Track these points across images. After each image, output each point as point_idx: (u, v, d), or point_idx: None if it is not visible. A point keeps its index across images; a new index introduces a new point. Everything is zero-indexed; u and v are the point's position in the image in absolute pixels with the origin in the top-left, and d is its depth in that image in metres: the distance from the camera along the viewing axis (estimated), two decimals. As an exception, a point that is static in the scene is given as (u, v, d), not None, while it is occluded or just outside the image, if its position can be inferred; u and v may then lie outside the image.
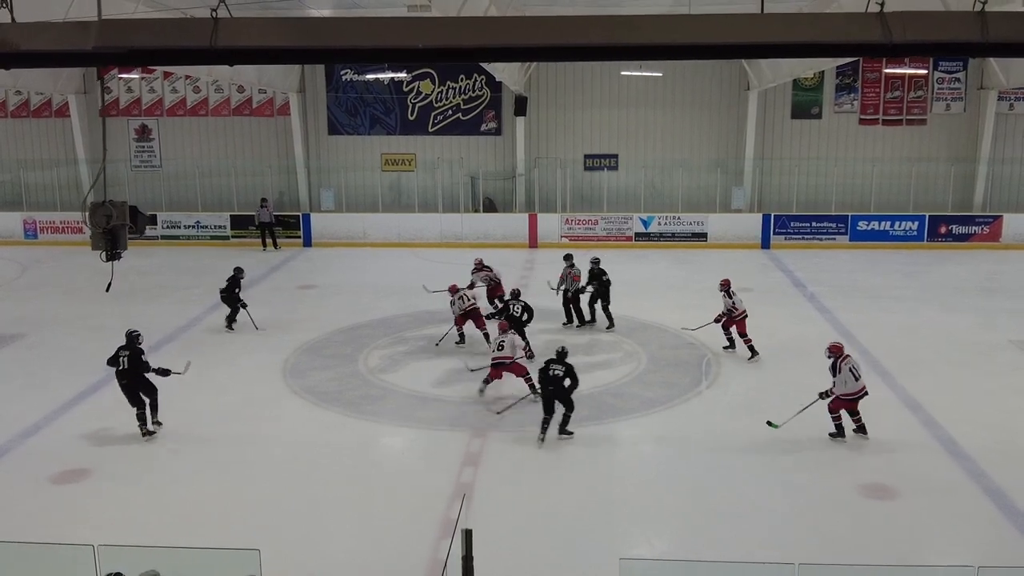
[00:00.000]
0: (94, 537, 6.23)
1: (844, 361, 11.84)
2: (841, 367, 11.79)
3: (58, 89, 27.48)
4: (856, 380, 11.79)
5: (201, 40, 3.53)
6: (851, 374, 11.76)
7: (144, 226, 6.88)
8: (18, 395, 14.20)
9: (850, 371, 11.76)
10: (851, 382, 11.76)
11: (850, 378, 11.75)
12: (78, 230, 27.05)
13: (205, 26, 3.53)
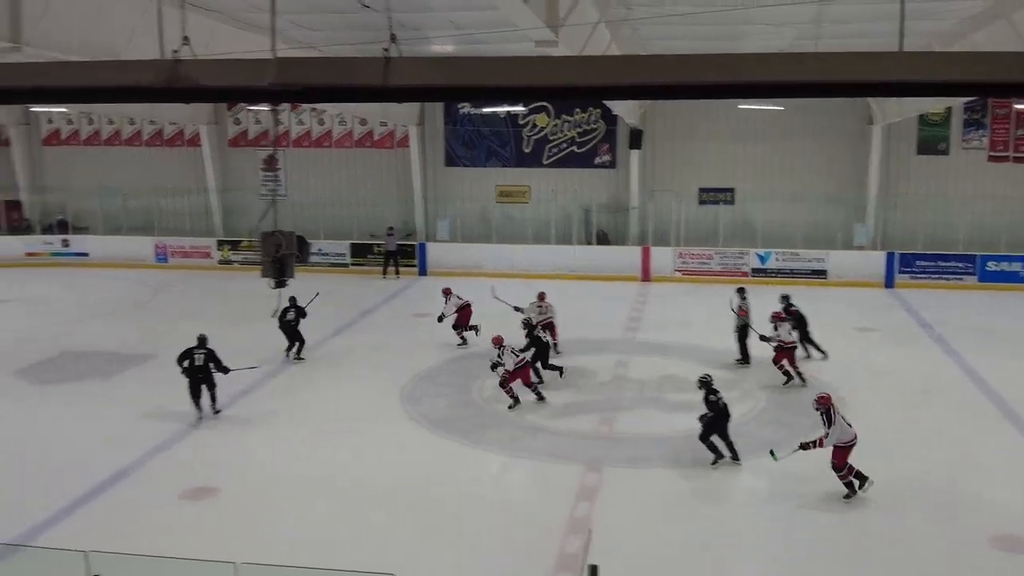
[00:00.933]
0: (222, 554, 6.42)
1: (835, 411, 11.45)
2: (834, 417, 11.39)
3: (190, 120, 28.81)
4: (849, 426, 11.42)
5: (373, 79, 3.67)
6: (843, 421, 11.39)
7: (308, 255, 7.14)
8: (149, 413, 14.78)
9: (842, 419, 11.41)
10: (846, 429, 11.38)
11: (843, 425, 11.37)
12: (205, 255, 28.24)
13: (376, 65, 3.67)
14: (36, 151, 30.93)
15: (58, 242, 29.09)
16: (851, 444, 11.42)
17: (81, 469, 12.37)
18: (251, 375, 15.69)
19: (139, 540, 9.73)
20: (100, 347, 18.53)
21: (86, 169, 30.48)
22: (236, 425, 14.32)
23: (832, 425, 11.37)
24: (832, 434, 11.34)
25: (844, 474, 11.38)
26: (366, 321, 20.05)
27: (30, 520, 10.67)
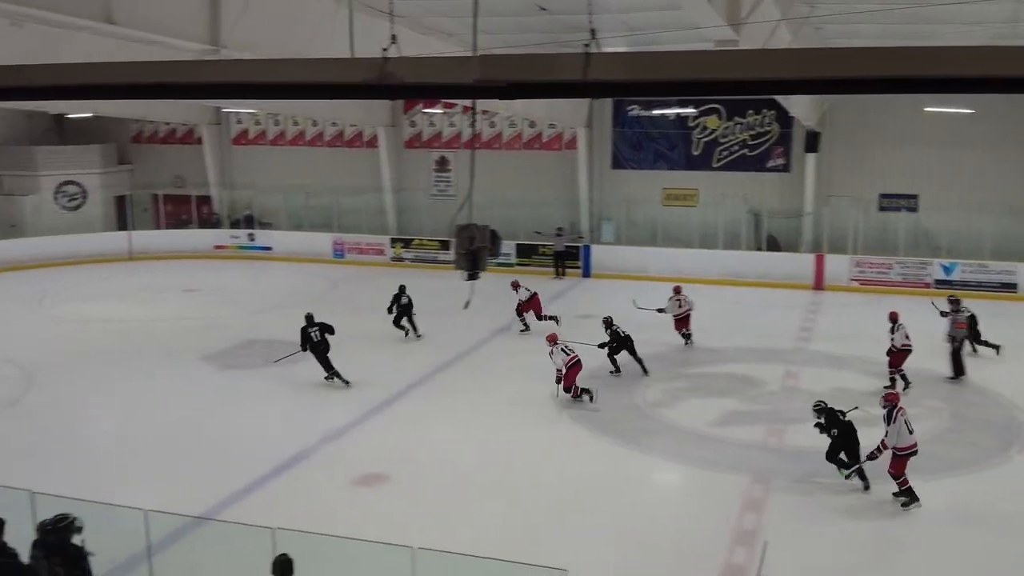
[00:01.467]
0: (394, 540, 6.62)
1: (900, 412, 11.11)
2: (896, 417, 11.06)
3: (369, 122, 29.94)
4: (910, 434, 11.05)
5: (572, 74, 3.71)
6: (905, 426, 11.03)
7: (500, 249, 7.30)
8: (326, 401, 15.47)
9: (904, 423, 11.03)
10: (905, 434, 11.01)
11: (904, 430, 11.01)
12: (379, 252, 29.27)
13: (576, 60, 3.71)
14: (226, 150, 32.86)
15: (244, 236, 30.83)
16: (909, 452, 11.08)
17: (262, 450, 13.07)
18: (421, 369, 16.17)
19: (316, 522, 10.18)
20: (281, 336, 19.43)
21: (271, 167, 32.16)
22: (404, 416, 14.78)
23: (891, 425, 11.06)
24: (890, 435, 11.04)
25: (902, 481, 11.07)
26: (528, 321, 20.22)
27: (215, 497, 11.35)
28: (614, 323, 17.09)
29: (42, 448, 13.36)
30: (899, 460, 11.08)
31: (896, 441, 11.03)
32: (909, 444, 11.05)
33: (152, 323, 21.42)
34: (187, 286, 25.53)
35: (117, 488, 11.28)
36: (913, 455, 11.09)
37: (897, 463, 11.09)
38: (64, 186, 31.67)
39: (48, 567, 7.26)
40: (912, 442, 11.07)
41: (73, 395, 16.02)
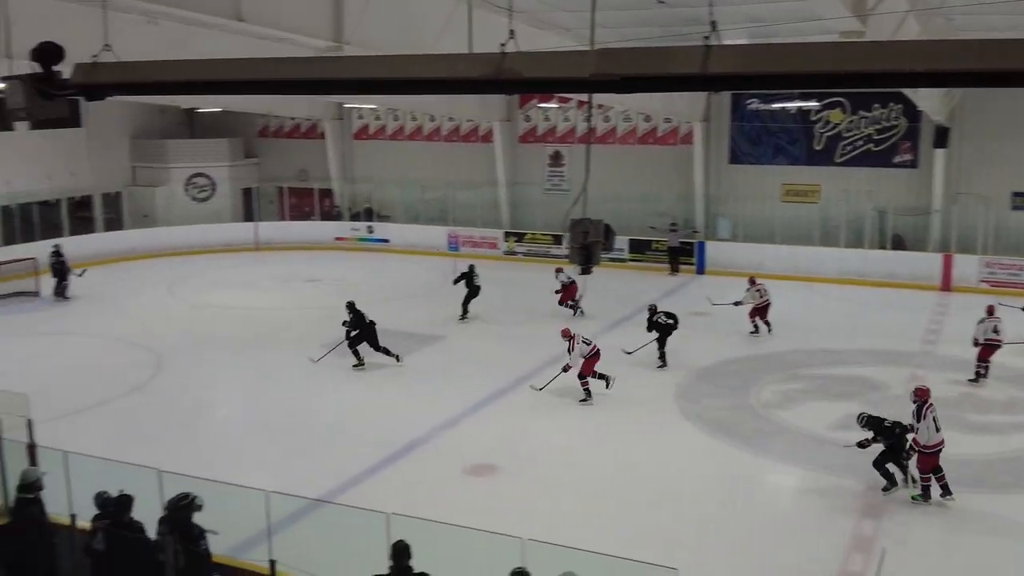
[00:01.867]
0: (504, 531, 6.69)
1: (929, 408, 11.00)
2: (926, 413, 10.97)
3: (485, 117, 30.21)
4: (938, 431, 10.96)
5: (691, 67, 3.68)
6: (934, 423, 10.95)
7: (613, 243, 7.31)
8: (438, 391, 15.70)
9: (933, 419, 10.96)
10: (933, 432, 10.92)
11: (932, 427, 10.92)
12: (493, 245, 29.52)
13: (695, 53, 3.67)
14: (347, 144, 33.68)
15: (364, 228, 31.56)
16: (935, 450, 10.96)
17: (378, 437, 13.39)
18: (533, 362, 16.26)
19: (428, 509, 10.37)
20: (398, 327, 19.86)
21: (390, 161, 32.80)
22: (517, 408, 14.89)
23: (920, 422, 10.96)
24: (920, 432, 10.93)
25: (926, 478, 10.99)
26: (642, 317, 20.03)
27: (333, 481, 11.68)
28: (658, 312, 17.34)
29: (169, 429, 14.01)
30: (926, 457, 10.98)
31: (925, 439, 10.94)
32: (936, 442, 10.95)
33: (276, 311, 22.17)
34: (309, 276, 26.31)
35: (240, 469, 11.74)
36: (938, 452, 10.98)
37: (924, 460, 10.99)
38: (194, 178, 33.05)
39: (171, 543, 7.61)
40: (939, 440, 10.97)
41: (199, 379, 16.74)
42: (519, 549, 6.10)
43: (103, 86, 5.78)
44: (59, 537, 8.36)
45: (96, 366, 17.61)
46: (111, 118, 31.29)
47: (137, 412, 15.02)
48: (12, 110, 5.98)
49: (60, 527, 8.26)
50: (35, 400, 9.78)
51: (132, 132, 33.16)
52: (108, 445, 11.33)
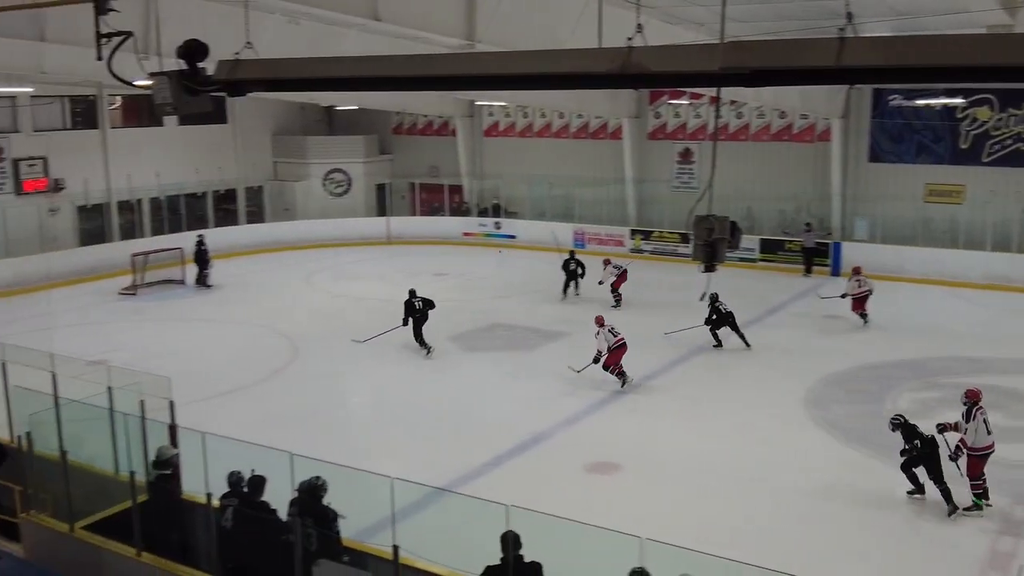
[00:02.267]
0: (623, 528, 6.62)
1: (979, 410, 10.74)
2: (976, 415, 10.71)
3: (614, 114, 30.05)
4: (988, 434, 10.68)
5: (824, 60, 3.56)
6: (984, 425, 10.67)
7: (739, 241, 7.18)
8: (564, 387, 15.72)
9: (984, 422, 10.68)
10: (983, 434, 10.65)
11: (983, 429, 10.65)
12: (619, 243, 29.34)
13: (829, 46, 3.55)
14: (478, 141, 34.10)
15: (491, 224, 31.90)
16: (986, 452, 10.74)
17: (502, 430, 13.53)
18: (658, 360, 16.10)
19: (548, 503, 10.42)
20: (524, 322, 20.06)
21: (518, 158, 33.02)
22: (640, 407, 14.78)
23: (970, 423, 10.70)
24: (968, 433, 10.67)
25: (979, 483, 10.71)
26: (772, 319, 19.65)
27: (456, 471, 11.87)
28: (718, 300, 17.82)
29: (302, 413, 14.52)
30: (976, 461, 10.72)
31: (974, 440, 10.68)
32: (986, 444, 10.70)
33: (404, 304, 22.66)
34: (437, 270, 26.77)
35: (368, 455, 12.07)
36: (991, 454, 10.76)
37: (974, 464, 10.73)
38: (331, 173, 34.12)
39: (301, 525, 7.88)
40: (990, 442, 10.71)
41: (331, 366, 17.28)
42: (638, 548, 6.06)
43: (244, 82, 6.03)
44: (195, 514, 8.78)
45: (236, 352, 18.43)
46: (255, 115, 32.71)
47: (273, 396, 15.64)
48: (160, 104, 6.31)
49: (196, 504, 8.66)
50: (177, 383, 10.29)
51: (274, 129, 34.51)
52: (245, 427, 11.84)
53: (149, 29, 13.06)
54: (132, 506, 8.75)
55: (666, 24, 16.49)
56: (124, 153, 29.29)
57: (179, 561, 8.53)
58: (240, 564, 8.40)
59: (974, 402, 10.85)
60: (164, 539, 8.92)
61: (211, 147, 31.61)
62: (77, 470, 9.36)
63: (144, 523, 8.75)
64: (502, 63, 4.91)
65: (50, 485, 9.42)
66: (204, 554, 8.53)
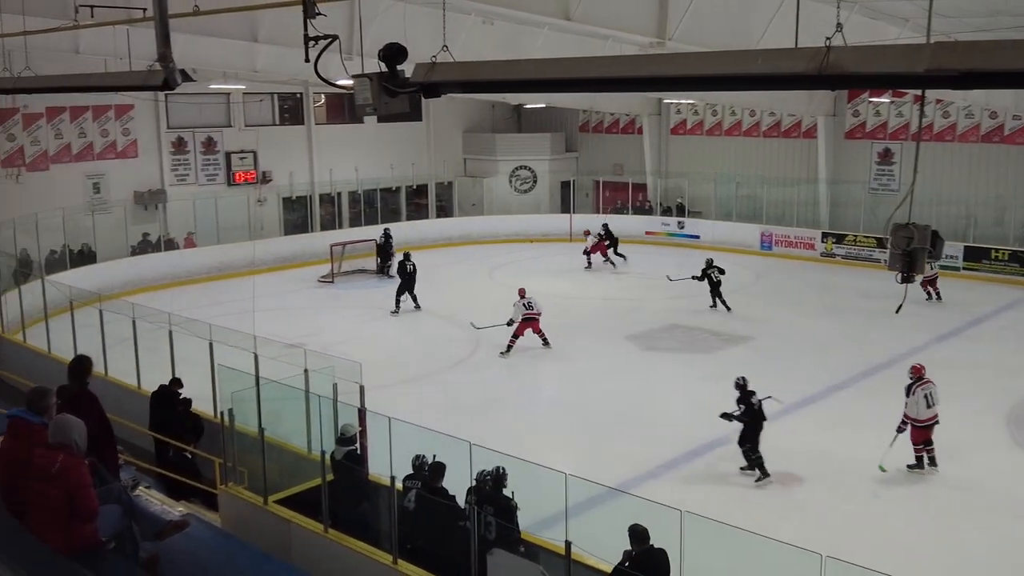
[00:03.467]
0: (802, 543, 6.40)
1: (921, 386, 11.82)
2: (915, 390, 11.78)
3: (809, 112, 28.98)
4: (928, 407, 11.74)
5: (1044, 60, 3.33)
6: (924, 400, 11.71)
7: (941, 251, 6.83)
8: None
9: (924, 397, 11.72)
10: (922, 408, 11.73)
11: (922, 403, 11.71)
12: (809, 246, 28.31)
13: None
14: (664, 139, 33.74)
15: (674, 224, 31.51)
16: (927, 424, 11.78)
17: (677, 433, 13.40)
18: (846, 370, 15.47)
19: (723, 511, 10.24)
20: (704, 324, 19.73)
21: (705, 157, 32.43)
22: (825, 418, 14.28)
23: (909, 397, 11.76)
24: (910, 406, 11.74)
25: (920, 449, 11.85)
26: (973, 332, 18.42)
27: (631, 471, 11.85)
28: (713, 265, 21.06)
29: (481, 404, 14.88)
30: (917, 431, 11.85)
31: (916, 413, 11.74)
32: (926, 417, 11.74)
33: (584, 300, 22.77)
34: (618, 268, 26.74)
35: (541, 449, 12.25)
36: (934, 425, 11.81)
37: (915, 433, 11.87)
38: (518, 170, 34.70)
39: (479, 514, 8.10)
40: (929, 415, 11.76)
41: (511, 359, 17.59)
42: (818, 565, 5.85)
43: (440, 84, 6.23)
44: (379, 495, 9.18)
45: (421, 340, 19.11)
46: (448, 114, 33.74)
47: (455, 385, 16.12)
48: (361, 105, 6.61)
49: (380, 486, 9.05)
50: (366, 368, 10.79)
51: (466, 127, 35.45)
52: (428, 414, 12.28)
53: (353, 31, 13.70)
54: (322, 484, 9.23)
55: (868, 20, 15.74)
56: (327, 148, 30.95)
57: (361, 539, 8.92)
58: (418, 546, 8.72)
59: (917, 378, 11.95)
60: (348, 517, 9.37)
61: (406, 144, 32.88)
62: (273, 447, 9.95)
63: (331, 501, 9.21)
64: (693, 64, 4.86)
65: (247, 460, 10.05)
66: (385, 534, 8.90)
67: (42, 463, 5.73)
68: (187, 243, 26.84)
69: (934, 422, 11.80)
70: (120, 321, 14.33)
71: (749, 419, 11.95)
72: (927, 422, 11.77)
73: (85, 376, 7.77)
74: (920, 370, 12.05)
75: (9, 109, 23.93)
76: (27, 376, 14.07)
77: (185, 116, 27.74)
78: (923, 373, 12.00)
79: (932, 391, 11.83)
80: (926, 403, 11.73)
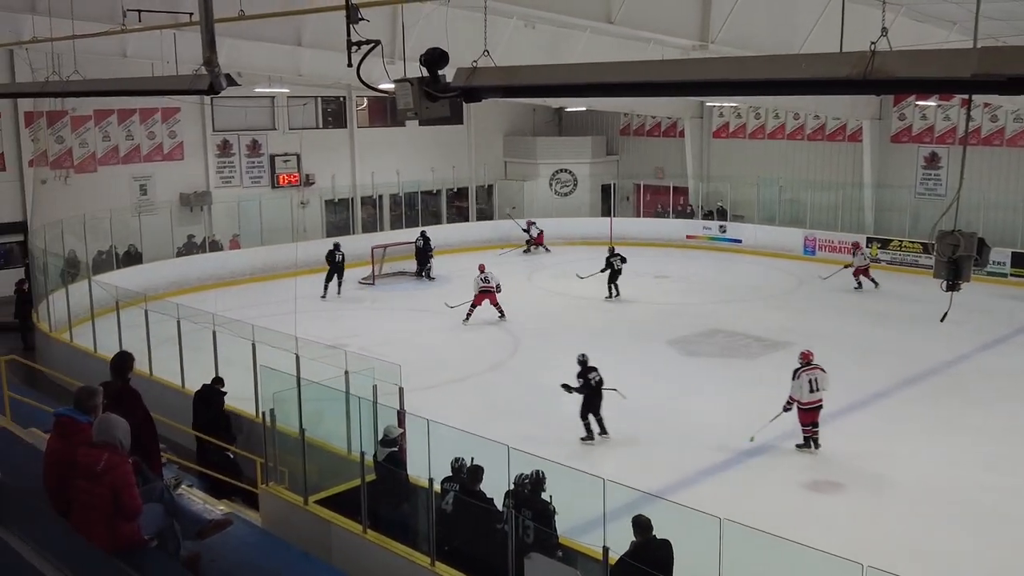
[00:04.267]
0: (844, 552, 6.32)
1: (806, 371, 12.70)
2: (800, 375, 12.70)
3: (854, 115, 28.62)
4: (811, 392, 12.60)
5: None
6: (808, 384, 12.59)
7: (988, 259, 6.71)
8: (783, 399, 15.19)
9: (808, 381, 12.60)
10: (805, 391, 12.59)
11: (805, 387, 12.59)
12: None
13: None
14: (706, 143, 33.49)
15: (716, 227, 31.26)
16: (810, 407, 12.71)
17: (718, 439, 13.29)
18: (889, 379, 15.24)
19: (762, 519, 10.13)
20: (746, 329, 19.55)
21: (748, 160, 32.14)
22: (866, 425, 14.08)
23: (794, 380, 12.70)
24: (792, 389, 12.71)
25: (806, 429, 12.80)
26: (1020, 339, 18.05)
27: (669, 476, 11.77)
28: (615, 253, 22.81)
29: (519, 407, 14.88)
30: (802, 412, 12.78)
31: (798, 395, 12.68)
32: (808, 400, 12.64)
33: (625, 304, 22.67)
34: (658, 272, 26.60)
35: (580, 453, 12.23)
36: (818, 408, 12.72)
37: (801, 414, 12.81)
38: (558, 174, 34.66)
39: (513, 516, 8.10)
40: (812, 399, 12.64)
41: (550, 362, 17.52)
42: (859, 575, 5.78)
43: (481, 89, 6.24)
44: (418, 497, 9.22)
45: (460, 343, 19.16)
46: (489, 117, 33.84)
47: (494, 388, 16.14)
48: (402, 110, 6.65)
49: (419, 488, 9.09)
50: (405, 370, 10.85)
51: (506, 130, 35.51)
52: (466, 416, 12.29)
53: (395, 35, 13.80)
54: (361, 485, 9.29)
55: (915, 22, 15.52)
56: (369, 151, 31.19)
57: (399, 540, 8.97)
58: (455, 548, 8.75)
59: (805, 363, 12.81)
60: (388, 518, 9.42)
61: (447, 147, 33.02)
62: (313, 447, 10.04)
63: (370, 502, 9.27)
64: (735, 69, 4.82)
65: (288, 460, 10.15)
66: (423, 535, 8.94)
67: (87, 461, 5.83)
68: (232, 244, 27.18)
69: (817, 406, 12.69)
70: (165, 321, 14.56)
71: (587, 392, 13.37)
72: (809, 405, 12.65)
73: (127, 372, 7.87)
74: (808, 356, 12.87)
75: (58, 111, 24.41)
76: (73, 375, 14.33)
77: (230, 119, 28.10)
78: (811, 359, 12.81)
79: (817, 377, 12.65)
80: (809, 387, 12.57)
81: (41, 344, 18.83)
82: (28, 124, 24.31)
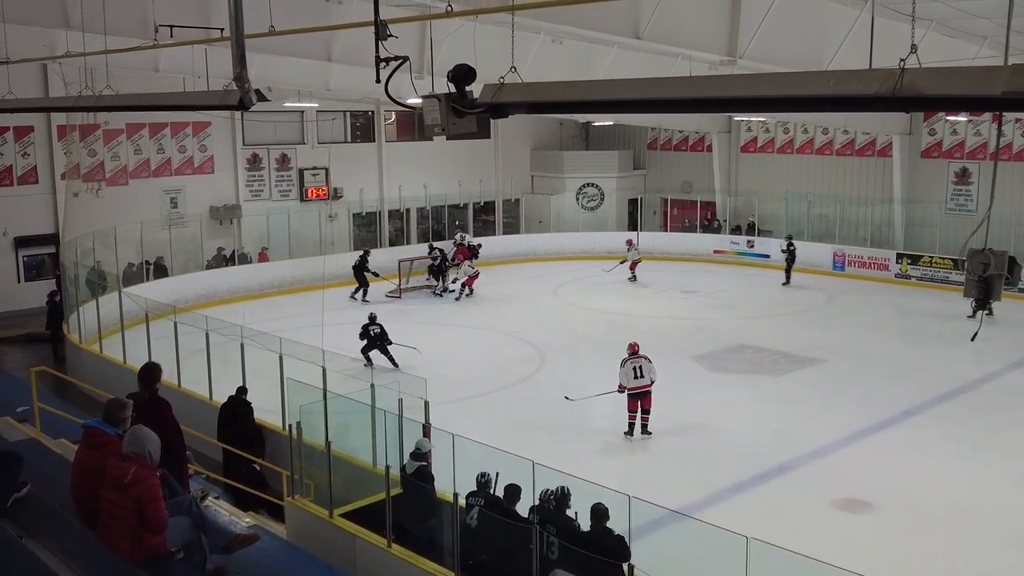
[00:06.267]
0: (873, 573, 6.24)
1: (631, 360, 13.95)
2: (626, 364, 13.93)
3: (884, 130, 28.41)
4: (636, 378, 13.76)
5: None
6: (632, 371, 13.78)
7: (1019, 277, 6.65)
8: (812, 416, 15.07)
9: (632, 369, 13.80)
10: (630, 378, 13.79)
11: (631, 374, 13.79)
12: (883, 267, 27.67)
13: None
14: (734, 157, 33.37)
15: (743, 242, 31.10)
16: (634, 392, 13.85)
17: (744, 456, 13.18)
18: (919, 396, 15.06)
19: (790, 538, 10.02)
20: (773, 345, 19.40)
21: (776, 175, 31.98)
22: (896, 444, 13.91)
23: (621, 368, 13.90)
24: (621, 376, 13.88)
25: (630, 416, 13.97)
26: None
27: (696, 494, 11.68)
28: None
29: (546, 422, 14.84)
30: (630, 399, 13.94)
31: (625, 381, 13.86)
32: (632, 386, 13.83)
33: (651, 319, 22.57)
34: (685, 287, 26.49)
35: (606, 470, 12.16)
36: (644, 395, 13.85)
37: (628, 401, 13.97)
38: (585, 188, 34.66)
39: (538, 532, 8.06)
40: (634, 385, 13.81)
41: (575, 376, 17.50)
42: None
43: (508, 105, 6.26)
44: (442, 511, 9.21)
45: (486, 357, 19.15)
46: (517, 131, 33.91)
47: (520, 403, 16.10)
48: (429, 125, 6.69)
49: (443, 502, 9.07)
50: (431, 383, 10.85)
51: (533, 144, 35.59)
52: (491, 431, 12.29)
53: (423, 51, 13.88)
54: (386, 498, 9.29)
55: (945, 38, 15.40)
56: (396, 165, 31.36)
57: (424, 554, 8.95)
58: (480, 563, 8.72)
59: (631, 353, 14.02)
60: (414, 531, 9.41)
61: (475, 161, 33.13)
62: (339, 460, 10.05)
63: (398, 514, 9.27)
64: (763, 85, 4.80)
65: (314, 472, 10.17)
66: (448, 549, 8.92)
67: (115, 473, 5.88)
68: (261, 257, 27.37)
69: (643, 391, 13.78)
70: (194, 333, 14.67)
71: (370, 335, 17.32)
72: (635, 390, 13.77)
73: (154, 383, 7.85)
74: (635, 347, 14.16)
75: (90, 125, 24.75)
76: (102, 386, 14.47)
77: (260, 133, 28.36)
78: (637, 350, 14.07)
79: (641, 365, 13.81)
80: (634, 374, 13.74)
81: (71, 355, 19.04)
82: (61, 137, 24.67)
